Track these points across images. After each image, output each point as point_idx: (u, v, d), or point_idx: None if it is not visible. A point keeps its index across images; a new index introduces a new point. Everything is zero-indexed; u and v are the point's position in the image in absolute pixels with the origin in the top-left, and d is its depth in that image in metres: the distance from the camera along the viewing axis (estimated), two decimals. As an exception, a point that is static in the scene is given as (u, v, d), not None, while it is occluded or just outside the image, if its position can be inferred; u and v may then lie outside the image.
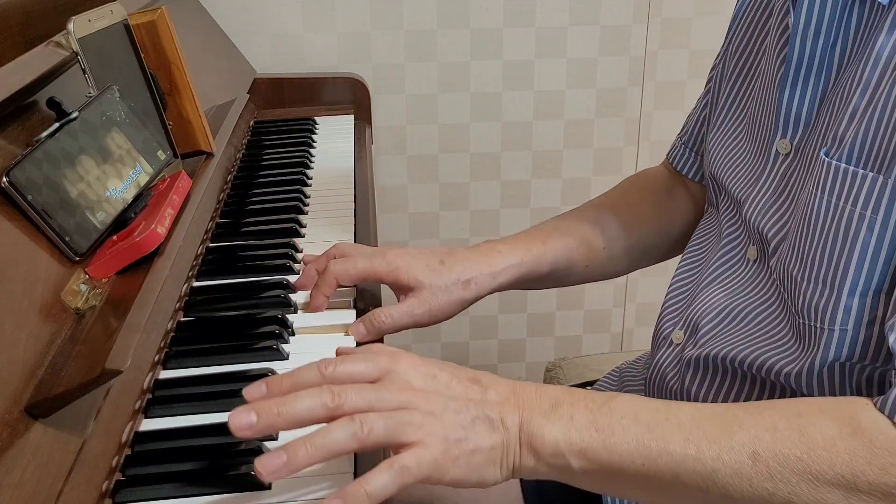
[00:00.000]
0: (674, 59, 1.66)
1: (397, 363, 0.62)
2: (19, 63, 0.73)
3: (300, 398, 0.58)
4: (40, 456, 0.54)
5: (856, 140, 0.64)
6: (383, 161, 1.66)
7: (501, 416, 0.61)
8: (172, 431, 0.67)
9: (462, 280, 0.85)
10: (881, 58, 0.64)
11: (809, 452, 0.58)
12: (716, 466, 0.59)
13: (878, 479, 0.56)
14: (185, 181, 0.86)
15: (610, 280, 1.29)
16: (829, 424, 0.58)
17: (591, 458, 0.60)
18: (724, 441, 0.59)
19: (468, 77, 1.63)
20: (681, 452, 0.59)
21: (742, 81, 0.85)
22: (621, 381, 0.96)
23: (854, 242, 0.64)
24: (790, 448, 0.58)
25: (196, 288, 0.88)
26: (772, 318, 0.73)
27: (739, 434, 0.59)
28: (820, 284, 0.66)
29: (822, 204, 0.66)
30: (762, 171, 0.78)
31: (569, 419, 0.61)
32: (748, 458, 0.58)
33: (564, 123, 1.68)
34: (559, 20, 1.60)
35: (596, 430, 0.60)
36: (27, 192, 0.65)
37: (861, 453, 0.57)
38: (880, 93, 0.63)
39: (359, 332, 0.81)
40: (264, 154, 1.26)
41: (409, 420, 0.58)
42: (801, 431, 0.58)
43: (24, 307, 0.60)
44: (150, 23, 0.94)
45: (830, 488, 0.57)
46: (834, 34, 0.70)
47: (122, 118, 0.81)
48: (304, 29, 1.57)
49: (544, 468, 0.61)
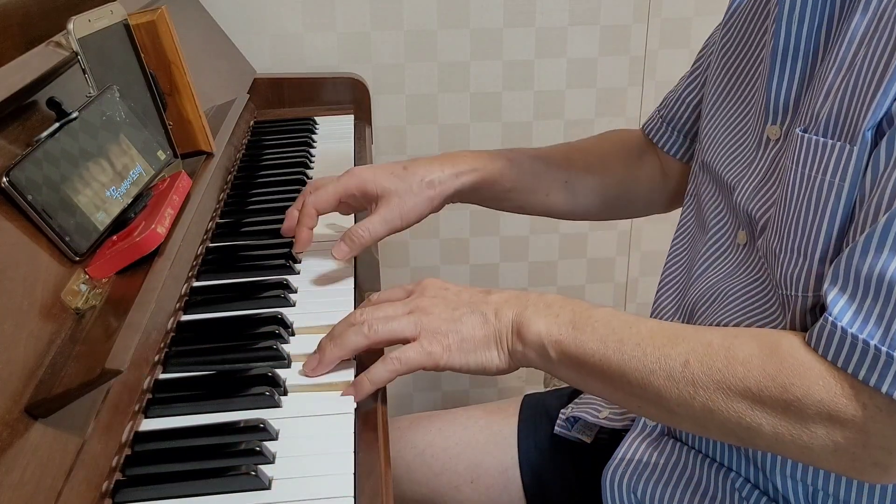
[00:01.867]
0: (674, 59, 1.66)
1: (424, 284, 0.76)
2: (19, 63, 0.73)
3: (344, 330, 0.74)
4: (40, 456, 0.54)
5: (830, 115, 0.66)
6: (383, 161, 1.66)
7: (496, 311, 0.73)
8: (172, 431, 0.67)
9: (426, 181, 0.92)
10: (856, 37, 0.66)
11: (729, 366, 0.64)
12: (653, 367, 0.67)
13: (779, 395, 0.63)
14: (185, 181, 0.86)
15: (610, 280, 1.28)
16: (754, 345, 0.65)
17: (563, 350, 0.70)
18: (667, 349, 0.67)
19: (468, 77, 1.63)
20: (629, 353, 0.68)
21: (736, 74, 0.86)
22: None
23: (824, 210, 0.66)
24: (714, 361, 0.65)
25: (196, 288, 0.88)
26: (761, 296, 0.75)
27: (680, 345, 0.67)
28: (794, 253, 0.69)
29: (797, 177, 0.69)
30: (754, 158, 0.79)
31: (554, 316, 0.71)
32: (680, 365, 0.66)
33: (564, 123, 1.68)
34: (559, 20, 1.60)
35: (573, 328, 0.70)
36: (27, 192, 0.65)
37: (770, 371, 0.63)
38: (853, 70, 0.65)
39: (342, 250, 0.89)
40: (264, 154, 1.26)
41: (408, 320, 0.72)
42: (728, 349, 0.65)
43: (24, 307, 0.60)
44: (150, 23, 0.94)
45: (739, 399, 0.64)
46: (818, 18, 0.72)
47: (122, 118, 0.81)
48: (304, 29, 1.57)
49: (532, 354, 0.72)
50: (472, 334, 0.72)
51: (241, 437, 0.65)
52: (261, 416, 0.68)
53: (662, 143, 1.02)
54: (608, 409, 0.93)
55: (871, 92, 0.63)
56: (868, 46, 0.64)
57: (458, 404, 1.70)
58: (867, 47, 0.65)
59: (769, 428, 0.63)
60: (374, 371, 0.71)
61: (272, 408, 0.70)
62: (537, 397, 1.07)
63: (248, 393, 0.71)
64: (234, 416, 0.68)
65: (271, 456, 0.64)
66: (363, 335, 0.72)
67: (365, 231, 0.88)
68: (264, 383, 0.71)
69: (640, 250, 1.83)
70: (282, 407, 0.70)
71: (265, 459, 0.63)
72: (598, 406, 0.94)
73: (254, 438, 0.65)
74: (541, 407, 1.02)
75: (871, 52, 0.64)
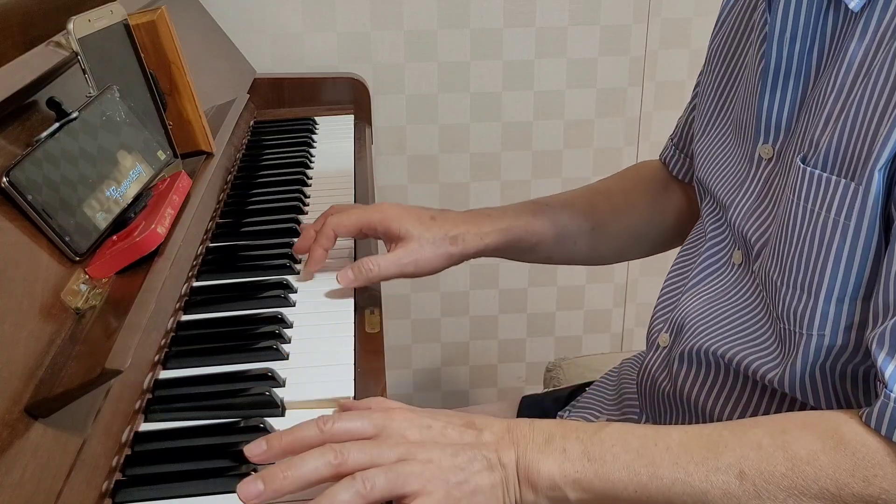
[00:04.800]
0: (674, 59, 1.66)
1: (392, 418, 0.63)
2: (19, 63, 0.73)
3: (305, 460, 0.59)
4: (40, 456, 0.54)
5: (830, 146, 0.65)
6: (383, 161, 1.66)
7: (498, 455, 0.62)
8: (172, 431, 0.67)
9: (450, 235, 0.89)
10: (853, 64, 0.65)
11: (794, 468, 0.59)
12: (705, 488, 0.60)
13: (862, 490, 0.57)
14: (185, 181, 0.86)
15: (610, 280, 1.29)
16: (812, 439, 0.59)
17: (586, 488, 0.62)
18: (712, 462, 0.60)
19: (468, 77, 1.63)
20: (670, 477, 0.61)
21: (726, 87, 0.86)
22: (620, 379, 0.96)
23: (829, 248, 0.64)
24: (775, 465, 0.59)
25: (196, 288, 0.88)
26: (756, 322, 0.74)
27: (726, 454, 0.60)
28: (798, 290, 0.67)
29: (799, 210, 0.67)
30: (746, 176, 0.78)
31: (562, 451, 0.63)
32: (735, 478, 0.59)
33: (564, 123, 1.68)
34: (559, 20, 1.60)
35: (588, 461, 0.62)
36: (27, 192, 0.65)
37: (844, 466, 0.58)
38: (852, 98, 0.64)
39: (347, 278, 0.85)
40: (264, 154, 1.26)
41: (409, 471, 0.59)
42: (784, 448, 0.59)
43: (24, 307, 0.60)
44: (150, 23, 0.94)
45: (816, 502, 0.58)
46: (810, 40, 0.71)
47: (122, 118, 0.81)
48: (304, 29, 1.57)
49: (543, 501, 0.63)
50: (481, 485, 0.61)
51: (241, 438, 0.65)
52: (261, 416, 0.68)
53: (677, 171, 0.99)
54: (606, 413, 0.93)
55: (874, 127, 0.62)
56: (868, 76, 0.63)
57: (457, 404, 1.71)
58: (866, 77, 0.63)
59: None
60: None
61: (272, 407, 0.70)
62: (536, 398, 1.07)
63: (248, 393, 0.71)
64: (235, 416, 0.68)
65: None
66: (359, 495, 0.58)
67: (375, 266, 0.86)
68: (264, 383, 0.71)
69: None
70: (282, 406, 0.70)
71: (265, 459, 0.64)
72: (597, 410, 0.94)
73: (254, 438, 0.65)
74: (539, 408, 1.02)
75: (872, 83, 0.63)
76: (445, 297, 1.79)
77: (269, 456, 0.61)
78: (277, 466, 0.59)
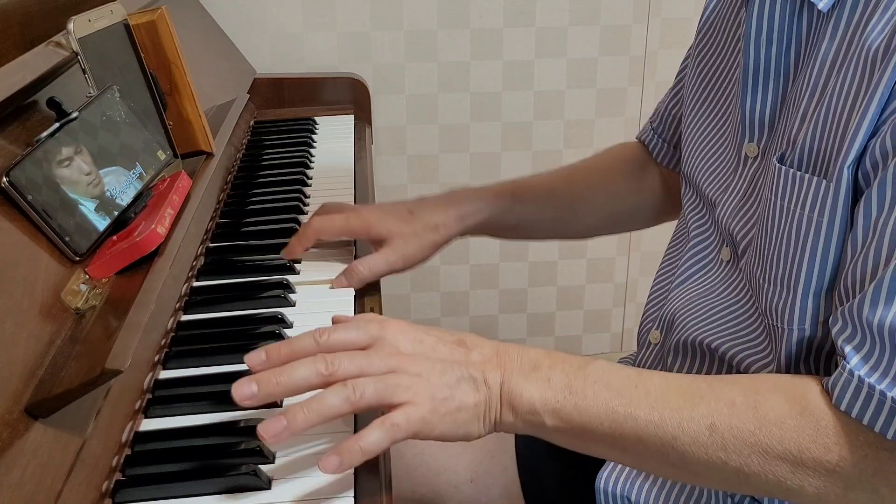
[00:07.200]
0: (674, 59, 1.66)
1: (386, 330, 0.66)
2: (19, 63, 0.73)
3: (296, 368, 0.62)
4: (40, 456, 0.54)
5: (804, 144, 0.66)
6: (383, 161, 1.66)
7: (484, 376, 0.65)
8: (172, 431, 0.67)
9: (431, 225, 0.92)
10: (826, 63, 0.66)
11: (762, 428, 0.61)
12: (676, 434, 0.62)
13: (821, 456, 0.60)
14: (185, 181, 0.86)
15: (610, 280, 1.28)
16: (782, 402, 0.62)
17: (564, 418, 0.64)
18: (686, 412, 0.63)
19: (468, 77, 1.63)
20: (645, 419, 0.63)
21: (712, 85, 0.86)
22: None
23: (804, 245, 0.66)
24: (744, 423, 0.61)
25: (196, 288, 0.88)
26: (746, 318, 0.75)
27: (700, 406, 0.63)
28: (778, 285, 0.68)
29: (777, 207, 0.68)
30: (733, 174, 0.79)
31: (546, 380, 0.65)
32: (706, 429, 0.62)
33: (564, 123, 1.69)
34: (559, 20, 1.61)
35: (570, 393, 0.64)
36: (27, 192, 0.65)
37: (807, 431, 0.60)
38: (824, 97, 0.65)
39: (342, 284, 0.89)
40: (264, 154, 1.26)
41: (397, 382, 0.62)
42: (755, 407, 0.62)
43: (24, 307, 0.60)
44: (150, 23, 0.94)
45: (779, 462, 0.61)
46: (786, 40, 0.72)
47: (122, 118, 0.81)
48: (304, 29, 1.57)
49: (521, 423, 0.65)
50: (465, 403, 0.64)
51: (241, 438, 0.65)
52: (261, 416, 0.68)
53: (656, 154, 1.02)
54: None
55: (842, 125, 0.63)
56: (838, 75, 0.64)
57: (457, 404, 1.71)
58: (837, 76, 0.64)
59: (812, 490, 0.61)
60: (369, 437, 0.61)
61: (273, 407, 0.70)
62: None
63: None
64: (235, 416, 0.68)
65: (271, 455, 0.64)
66: (348, 401, 0.60)
67: (365, 268, 0.89)
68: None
69: (640, 250, 1.84)
70: (282, 406, 0.70)
71: (265, 459, 0.64)
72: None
73: (254, 438, 0.65)
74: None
75: (842, 82, 0.64)
76: (445, 297, 1.79)
77: (268, 366, 0.63)
78: (271, 371, 0.62)
